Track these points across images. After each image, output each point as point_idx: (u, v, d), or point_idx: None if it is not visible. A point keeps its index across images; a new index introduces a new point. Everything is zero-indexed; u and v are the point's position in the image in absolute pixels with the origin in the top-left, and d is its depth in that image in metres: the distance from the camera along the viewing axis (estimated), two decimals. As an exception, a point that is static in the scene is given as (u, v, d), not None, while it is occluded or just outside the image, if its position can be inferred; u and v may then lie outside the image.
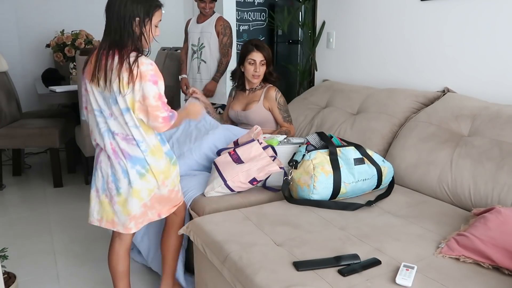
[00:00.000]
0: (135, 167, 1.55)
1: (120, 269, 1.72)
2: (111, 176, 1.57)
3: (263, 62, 2.32)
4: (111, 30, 1.50)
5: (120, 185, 1.56)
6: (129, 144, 1.54)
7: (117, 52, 1.48)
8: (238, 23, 4.88)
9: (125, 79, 1.45)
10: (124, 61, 1.45)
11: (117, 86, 1.46)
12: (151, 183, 1.58)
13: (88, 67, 1.56)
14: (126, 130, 1.53)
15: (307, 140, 1.89)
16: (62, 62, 3.80)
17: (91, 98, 1.55)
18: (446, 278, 1.22)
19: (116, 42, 1.48)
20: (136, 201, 1.57)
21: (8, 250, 1.95)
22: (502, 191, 1.63)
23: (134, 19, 1.49)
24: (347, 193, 1.77)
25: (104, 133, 1.55)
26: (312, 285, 1.18)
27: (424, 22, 2.37)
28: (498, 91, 2.05)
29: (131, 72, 1.45)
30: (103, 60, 1.48)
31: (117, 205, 1.58)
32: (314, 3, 3.23)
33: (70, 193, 3.28)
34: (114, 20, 1.49)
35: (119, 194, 1.57)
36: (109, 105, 1.52)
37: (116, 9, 1.48)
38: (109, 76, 1.47)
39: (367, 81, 2.77)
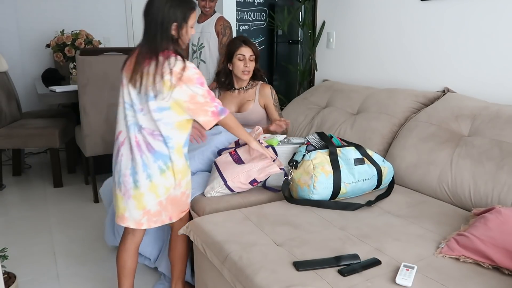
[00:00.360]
0: (157, 162, 1.58)
1: (128, 266, 1.73)
2: (130, 169, 1.59)
3: (252, 57, 2.30)
4: (150, 35, 1.55)
5: (138, 178, 1.58)
6: (155, 139, 1.58)
7: (156, 57, 1.53)
8: (238, 23, 4.88)
9: (172, 81, 1.51)
10: (168, 64, 1.51)
11: (159, 88, 1.51)
12: (169, 181, 1.61)
13: (127, 66, 1.61)
14: (154, 126, 1.57)
15: (307, 140, 1.89)
16: (62, 62, 3.80)
17: (125, 91, 1.61)
18: (446, 278, 1.22)
19: (156, 47, 1.53)
20: (153, 196, 1.60)
21: (8, 250, 1.95)
22: (502, 191, 1.63)
23: (172, 24, 1.54)
24: (347, 193, 1.77)
25: (131, 126, 1.59)
26: (312, 285, 1.18)
27: (424, 22, 2.37)
28: (498, 91, 2.05)
29: (178, 74, 1.51)
30: (143, 65, 1.53)
31: (132, 199, 1.60)
32: (314, 3, 3.23)
33: (70, 193, 3.28)
34: (153, 26, 1.54)
35: (136, 188, 1.59)
36: (142, 101, 1.57)
37: (154, 15, 1.53)
38: (146, 80, 1.52)
39: (367, 81, 2.77)
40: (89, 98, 2.92)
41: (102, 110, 2.99)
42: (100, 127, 3.01)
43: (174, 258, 1.80)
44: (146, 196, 1.59)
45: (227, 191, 1.84)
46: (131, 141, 1.59)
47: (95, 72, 2.88)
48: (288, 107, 2.92)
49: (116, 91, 2.97)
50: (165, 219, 1.66)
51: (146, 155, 1.57)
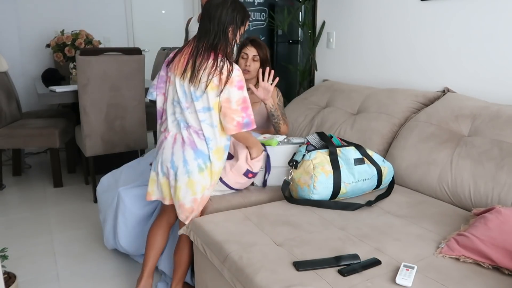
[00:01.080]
0: (198, 160, 1.65)
1: (158, 243, 1.85)
2: (170, 162, 1.66)
3: (256, 58, 2.27)
4: (209, 33, 1.60)
5: (178, 172, 1.65)
6: (199, 138, 1.65)
7: (212, 54, 1.59)
8: (238, 23, 4.88)
9: (215, 82, 1.58)
10: (219, 64, 1.58)
11: (205, 86, 1.58)
12: (206, 180, 1.68)
13: (178, 61, 1.67)
14: (199, 125, 1.63)
15: (307, 140, 1.89)
16: (62, 62, 3.80)
17: (173, 88, 1.68)
18: (446, 278, 1.22)
19: (213, 45, 1.60)
20: (189, 192, 1.66)
21: (8, 250, 1.95)
22: (502, 191, 1.63)
23: (230, 26, 1.62)
24: (347, 193, 1.77)
25: (181, 122, 1.67)
26: (312, 285, 1.18)
27: (424, 22, 2.37)
28: (499, 90, 2.05)
29: (224, 76, 1.57)
30: (199, 61, 1.59)
31: (173, 189, 1.69)
32: (314, 3, 3.22)
33: (70, 193, 3.28)
34: (215, 24, 1.60)
35: (176, 180, 1.66)
36: (188, 99, 1.64)
37: (218, 14, 1.60)
38: (199, 76, 1.58)
39: (367, 81, 2.77)
40: (89, 98, 2.92)
41: (102, 110, 2.99)
42: (100, 127, 3.01)
43: (180, 260, 1.81)
44: (183, 190, 1.66)
45: (226, 188, 1.84)
46: (176, 137, 1.67)
47: (95, 72, 2.88)
48: (288, 107, 2.92)
49: (116, 91, 3.00)
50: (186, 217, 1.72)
51: (188, 151, 1.64)
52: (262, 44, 2.32)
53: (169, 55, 1.77)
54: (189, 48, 1.65)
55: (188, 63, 1.61)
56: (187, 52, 1.65)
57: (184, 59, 1.64)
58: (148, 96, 1.83)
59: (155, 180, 1.77)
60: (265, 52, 2.31)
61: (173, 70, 1.68)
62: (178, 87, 1.65)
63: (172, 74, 1.69)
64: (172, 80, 1.69)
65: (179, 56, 1.68)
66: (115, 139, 3.09)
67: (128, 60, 2.99)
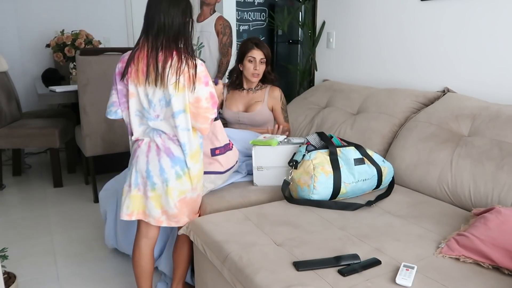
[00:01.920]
0: (175, 168, 1.59)
1: (147, 269, 1.74)
2: (145, 172, 1.60)
3: (263, 60, 2.30)
4: (165, 28, 1.50)
5: (155, 181, 1.59)
6: (175, 144, 1.59)
7: (174, 51, 1.51)
8: (238, 23, 4.88)
9: (182, 81, 1.50)
10: (183, 62, 1.50)
11: (173, 88, 1.50)
12: (185, 186, 1.63)
13: (136, 70, 1.54)
14: (173, 132, 1.57)
15: (307, 140, 1.89)
16: (62, 62, 3.80)
17: (136, 100, 1.57)
18: (446, 278, 1.22)
19: (173, 40, 1.51)
20: (169, 199, 1.61)
21: (8, 250, 1.95)
22: (502, 191, 1.63)
23: (186, 18, 1.54)
24: (347, 193, 1.77)
25: (150, 132, 1.60)
26: (312, 285, 1.18)
27: (424, 22, 2.37)
28: (498, 91, 2.05)
29: (190, 73, 1.50)
30: (161, 60, 1.50)
31: (150, 200, 1.61)
32: (314, 3, 3.22)
33: (70, 193, 3.28)
34: (170, 19, 1.51)
35: (153, 190, 1.60)
36: (157, 107, 1.54)
37: (171, 7, 1.51)
38: (165, 77, 1.49)
39: (367, 81, 2.77)
40: (89, 98, 2.92)
41: (102, 110, 2.98)
42: (100, 127, 3.01)
43: (179, 260, 1.80)
44: (163, 198, 1.61)
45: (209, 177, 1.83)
46: (150, 145, 1.60)
47: (95, 72, 2.88)
48: (288, 107, 2.92)
49: (116, 91, 2.99)
50: (185, 220, 1.68)
51: (164, 159, 1.58)
52: (265, 45, 2.35)
53: (118, 66, 1.61)
54: (143, 52, 1.53)
55: (149, 66, 1.50)
56: (143, 56, 1.52)
57: (143, 64, 1.52)
58: (110, 116, 1.67)
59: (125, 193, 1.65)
60: (268, 52, 2.34)
61: (133, 80, 1.55)
62: (143, 96, 1.55)
63: (131, 85, 1.55)
64: (132, 91, 1.56)
65: (135, 64, 1.54)
66: (115, 139, 3.09)
67: (128, 60, 2.98)
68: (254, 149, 1.93)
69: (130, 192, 1.64)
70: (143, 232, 1.72)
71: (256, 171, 1.96)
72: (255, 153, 1.93)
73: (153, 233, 1.73)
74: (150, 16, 1.53)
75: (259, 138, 2.01)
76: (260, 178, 1.97)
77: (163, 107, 1.54)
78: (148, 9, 1.55)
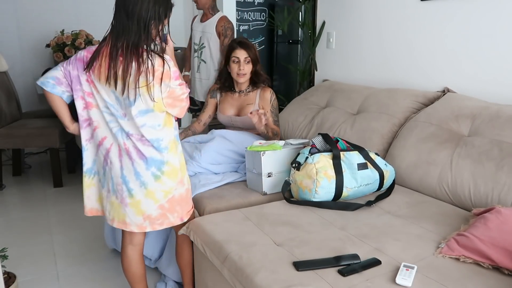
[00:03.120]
0: (150, 169, 1.52)
1: (138, 274, 1.70)
2: (121, 177, 1.52)
3: (247, 59, 2.25)
4: (128, 31, 1.43)
5: (131, 187, 1.52)
6: (145, 145, 1.51)
7: (135, 54, 1.43)
8: (238, 23, 4.88)
9: (150, 80, 1.43)
10: (146, 63, 1.42)
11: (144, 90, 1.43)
12: (167, 184, 1.55)
13: (99, 66, 1.47)
14: (139, 132, 1.50)
15: (312, 143, 1.85)
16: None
17: (98, 96, 1.50)
18: (446, 278, 1.22)
19: (134, 44, 1.43)
20: (151, 202, 1.54)
21: (8, 250, 1.95)
22: (502, 191, 1.63)
23: (152, 22, 1.45)
24: (348, 197, 1.77)
25: (117, 133, 1.52)
26: (312, 285, 1.18)
27: (424, 22, 2.37)
28: (499, 90, 2.05)
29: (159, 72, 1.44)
30: (120, 63, 1.43)
31: (129, 207, 1.54)
32: (314, 3, 3.22)
33: (70, 193, 3.28)
34: (135, 21, 1.43)
35: (131, 196, 1.53)
36: (122, 105, 1.49)
37: (137, 10, 1.42)
38: (128, 80, 1.43)
39: (367, 81, 2.77)
40: (89, 98, 2.91)
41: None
42: (100, 127, 3.00)
43: (183, 264, 1.78)
44: (143, 203, 1.54)
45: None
46: (120, 148, 1.52)
47: (95, 72, 2.87)
48: (288, 107, 2.92)
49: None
50: (174, 220, 1.62)
51: (137, 162, 1.51)
52: (249, 44, 2.29)
53: (82, 54, 1.53)
54: (106, 49, 1.46)
55: (110, 69, 1.44)
56: (106, 54, 1.45)
57: (105, 63, 1.45)
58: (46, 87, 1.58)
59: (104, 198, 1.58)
60: (254, 52, 2.28)
61: (96, 76, 1.48)
62: (107, 93, 1.48)
63: (95, 80, 1.49)
64: (97, 86, 1.49)
65: (99, 60, 1.46)
66: (115, 139, 3.08)
67: (128, 60, 2.98)
68: (263, 156, 1.85)
69: (110, 198, 1.58)
70: (127, 239, 1.67)
71: (266, 178, 1.88)
72: (264, 159, 1.85)
73: (138, 239, 1.68)
74: (118, 12, 1.47)
75: (255, 143, 1.96)
76: (269, 185, 1.90)
77: (127, 106, 1.48)
78: (115, 2, 1.48)
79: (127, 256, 1.68)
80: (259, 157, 1.86)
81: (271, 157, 1.88)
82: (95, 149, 1.59)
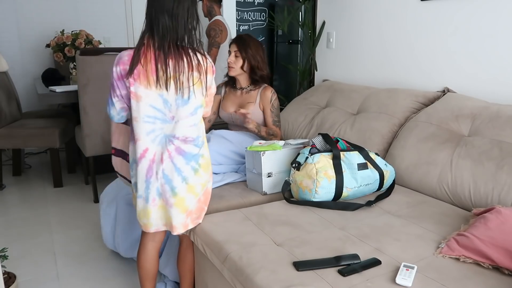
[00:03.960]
0: (190, 163, 1.54)
1: (152, 271, 1.71)
2: (163, 178, 1.52)
3: (237, 53, 2.24)
4: (172, 31, 1.47)
5: (174, 185, 1.52)
6: (187, 143, 1.53)
7: (183, 51, 1.49)
8: (238, 23, 4.89)
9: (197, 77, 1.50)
10: (194, 61, 1.49)
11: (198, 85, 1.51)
12: (203, 178, 1.58)
13: (144, 70, 1.46)
14: (188, 133, 1.52)
15: (312, 143, 1.85)
16: (62, 62, 3.80)
17: (142, 104, 1.48)
18: (446, 278, 1.22)
19: (180, 42, 1.49)
20: (192, 197, 1.56)
21: (8, 250, 1.95)
22: (502, 191, 1.63)
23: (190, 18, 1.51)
24: (348, 197, 1.77)
25: (161, 140, 1.51)
26: (312, 285, 1.18)
27: (424, 22, 2.37)
28: (499, 90, 2.05)
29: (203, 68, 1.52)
30: (172, 64, 1.46)
31: (174, 207, 1.54)
32: (314, 3, 3.23)
33: (70, 193, 3.28)
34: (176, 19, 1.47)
35: (175, 194, 1.53)
36: (172, 108, 1.50)
37: (175, 7, 1.47)
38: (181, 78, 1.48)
39: (367, 81, 2.77)
40: (89, 98, 2.92)
41: (102, 110, 2.99)
42: (100, 127, 3.01)
43: (184, 270, 1.78)
44: (187, 199, 1.55)
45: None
46: (163, 156, 1.51)
47: (95, 72, 2.88)
48: (288, 107, 2.92)
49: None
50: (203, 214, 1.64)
51: (176, 158, 1.52)
52: (244, 40, 2.27)
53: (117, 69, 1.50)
54: (150, 51, 1.47)
55: (158, 71, 1.45)
56: (151, 56, 1.46)
57: (151, 66, 1.45)
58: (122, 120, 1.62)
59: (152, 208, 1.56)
60: (246, 48, 2.24)
61: (141, 82, 1.46)
62: (153, 99, 1.47)
63: (139, 87, 1.46)
64: (141, 94, 1.46)
65: (143, 65, 1.45)
66: (115, 139, 3.09)
67: (128, 60, 2.99)
68: (263, 156, 1.85)
69: (156, 204, 1.55)
70: (150, 236, 1.68)
71: (266, 178, 1.88)
72: (264, 159, 1.85)
73: (160, 237, 1.70)
74: (153, 16, 1.47)
75: (255, 143, 1.96)
76: (269, 185, 1.90)
77: (178, 106, 1.49)
78: (150, 5, 1.49)
79: (146, 252, 1.69)
80: (259, 157, 1.86)
81: (271, 157, 1.88)
82: (135, 163, 1.56)
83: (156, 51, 1.46)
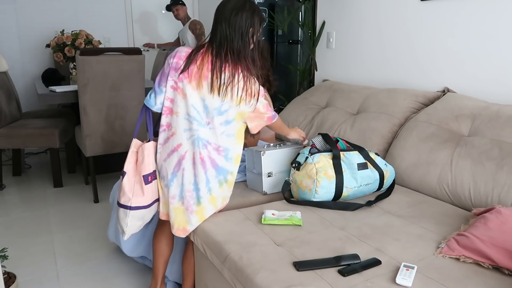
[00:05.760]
0: (219, 177, 1.59)
1: (166, 253, 1.78)
2: (193, 184, 1.57)
3: None
4: (229, 40, 1.49)
5: (201, 195, 1.58)
6: (220, 154, 1.57)
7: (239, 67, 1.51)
8: (238, 23, 4.89)
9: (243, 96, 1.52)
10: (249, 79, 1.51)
11: (237, 101, 1.52)
12: (225, 192, 1.64)
13: (197, 72, 1.51)
14: (218, 141, 1.56)
15: (312, 143, 1.86)
16: (62, 62, 3.80)
17: (186, 102, 1.53)
18: (446, 278, 1.22)
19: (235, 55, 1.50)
20: (212, 208, 1.62)
21: (8, 250, 1.95)
22: (502, 191, 1.63)
23: (251, 30, 1.52)
24: (348, 196, 1.77)
25: (196, 141, 1.55)
26: (312, 285, 1.18)
27: (424, 22, 2.37)
28: (499, 90, 2.05)
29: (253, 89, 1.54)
30: (224, 74, 1.49)
31: (194, 214, 1.59)
32: (314, 3, 3.23)
33: (70, 193, 3.28)
34: (235, 30, 1.49)
35: (199, 203, 1.58)
36: (210, 114, 1.54)
37: (237, 19, 1.49)
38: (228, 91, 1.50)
39: (367, 81, 2.77)
40: (89, 98, 2.92)
41: (102, 110, 2.99)
42: (100, 127, 3.01)
43: (189, 269, 1.79)
44: (207, 209, 1.60)
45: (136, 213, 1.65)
46: (195, 156, 1.55)
47: (95, 72, 2.88)
48: (288, 107, 2.92)
49: (116, 91, 3.00)
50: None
51: (210, 171, 1.57)
52: None
53: (173, 61, 1.55)
54: (207, 57, 1.52)
55: (213, 76, 1.49)
56: (208, 61, 1.51)
57: (206, 70, 1.51)
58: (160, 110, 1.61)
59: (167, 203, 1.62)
60: None
61: (190, 82, 1.52)
62: (198, 101, 1.52)
63: (188, 86, 1.52)
64: (186, 92, 1.52)
65: (198, 67, 1.51)
66: (115, 139, 3.09)
67: (128, 60, 2.99)
68: (263, 156, 1.85)
69: (174, 204, 1.60)
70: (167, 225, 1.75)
71: (266, 178, 1.88)
72: (264, 159, 1.86)
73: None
74: (215, 23, 1.52)
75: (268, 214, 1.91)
76: (269, 185, 1.90)
77: (215, 115, 1.54)
78: (215, 13, 1.53)
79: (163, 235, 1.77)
80: (259, 157, 1.86)
81: (271, 157, 1.88)
82: (166, 154, 1.61)
83: (213, 57, 1.51)
